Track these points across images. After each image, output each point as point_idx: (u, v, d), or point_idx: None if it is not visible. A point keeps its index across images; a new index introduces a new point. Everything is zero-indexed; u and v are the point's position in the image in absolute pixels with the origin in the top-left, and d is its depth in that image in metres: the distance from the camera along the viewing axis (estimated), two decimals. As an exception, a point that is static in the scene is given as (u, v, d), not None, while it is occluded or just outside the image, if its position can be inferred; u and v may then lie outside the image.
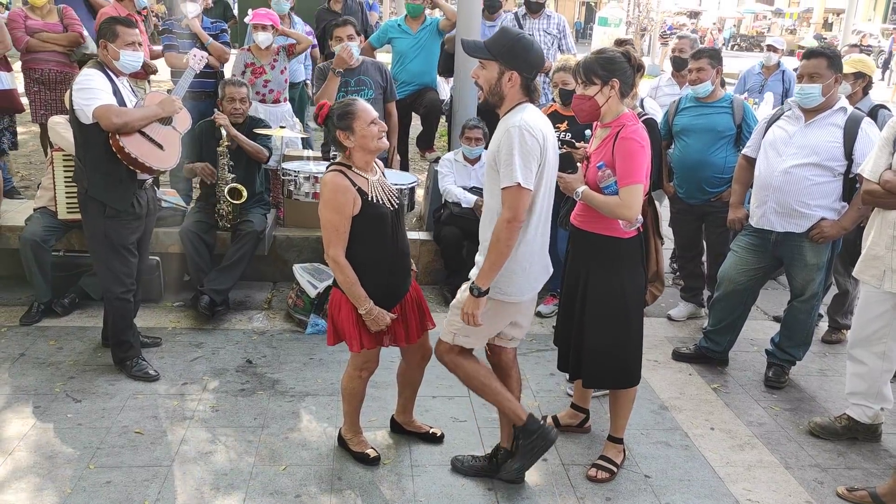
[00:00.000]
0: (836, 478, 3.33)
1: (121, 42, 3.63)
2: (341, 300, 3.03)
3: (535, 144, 2.70)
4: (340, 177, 2.93)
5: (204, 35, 5.60)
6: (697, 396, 4.00)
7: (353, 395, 3.23)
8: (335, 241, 2.92)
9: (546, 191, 2.84)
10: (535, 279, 2.96)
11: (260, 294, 5.07)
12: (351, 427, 3.30)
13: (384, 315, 3.00)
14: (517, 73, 2.75)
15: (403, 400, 3.45)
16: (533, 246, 2.87)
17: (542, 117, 2.82)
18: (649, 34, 22.81)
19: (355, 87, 4.92)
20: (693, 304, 5.04)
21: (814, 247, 3.87)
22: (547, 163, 2.77)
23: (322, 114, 3.02)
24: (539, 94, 2.88)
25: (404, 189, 4.65)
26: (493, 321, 2.94)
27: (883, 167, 3.30)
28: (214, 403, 3.68)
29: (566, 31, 6.09)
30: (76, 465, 3.14)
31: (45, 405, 3.58)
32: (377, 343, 3.10)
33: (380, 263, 3.01)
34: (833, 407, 3.94)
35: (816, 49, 3.84)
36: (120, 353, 3.91)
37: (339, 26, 4.93)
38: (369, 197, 2.95)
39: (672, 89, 5.63)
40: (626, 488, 3.17)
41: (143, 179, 3.78)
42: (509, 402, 3.03)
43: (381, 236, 3.00)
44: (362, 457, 3.25)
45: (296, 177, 4.78)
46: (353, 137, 2.93)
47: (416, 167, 7.02)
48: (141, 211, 3.80)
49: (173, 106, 3.80)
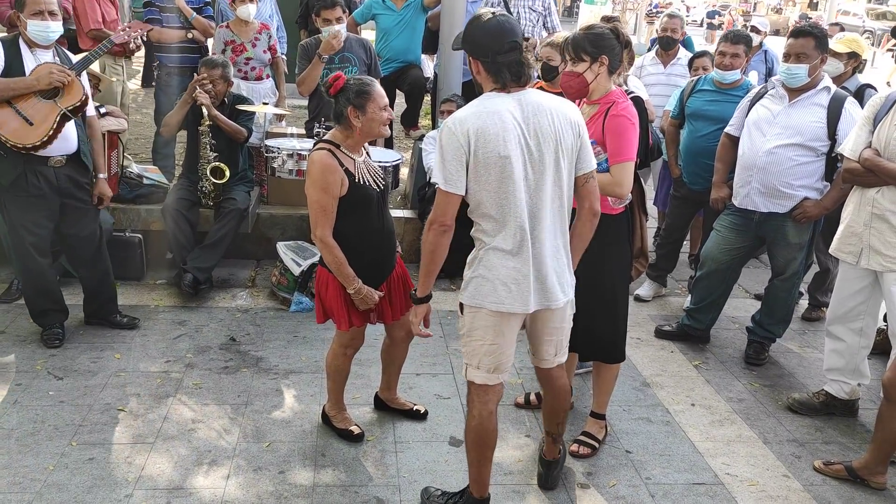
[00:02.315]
0: (813, 452, 3.39)
1: (28, 11, 3.53)
2: (328, 279, 3.02)
3: (455, 143, 2.39)
4: (329, 156, 2.90)
5: (187, 9, 5.50)
6: (679, 373, 4.05)
7: (338, 373, 3.24)
8: (322, 222, 2.91)
9: (507, 193, 2.42)
10: (522, 292, 2.51)
11: (243, 272, 5.04)
12: (336, 404, 3.31)
13: (373, 294, 3.00)
14: (474, 58, 2.51)
15: (387, 377, 3.46)
16: (504, 256, 2.48)
17: (490, 109, 2.42)
18: (635, 13, 22.71)
19: (339, 65, 4.87)
20: (657, 283, 5.08)
21: (796, 226, 3.90)
22: (488, 162, 2.38)
23: (337, 85, 2.93)
24: (527, 76, 2.49)
25: (388, 167, 4.63)
26: (484, 336, 2.57)
27: (863, 146, 3.32)
28: (198, 381, 3.67)
29: (552, 9, 6.07)
30: (58, 442, 3.13)
31: (26, 382, 3.56)
32: (365, 321, 3.11)
33: (366, 243, 3.01)
34: (811, 383, 4.00)
35: (804, 28, 3.82)
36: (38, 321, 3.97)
37: (326, 7, 4.82)
38: (356, 178, 2.94)
39: (656, 68, 5.61)
40: (608, 463, 3.21)
41: (47, 156, 3.66)
42: (480, 472, 2.73)
43: (367, 217, 2.99)
44: (346, 433, 3.27)
45: (279, 153, 4.75)
46: (362, 118, 2.90)
47: (401, 145, 6.98)
48: (42, 189, 3.69)
49: (50, 78, 3.53)
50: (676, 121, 4.80)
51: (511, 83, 2.46)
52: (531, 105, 2.46)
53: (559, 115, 2.49)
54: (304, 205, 5.20)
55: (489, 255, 2.50)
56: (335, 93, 2.94)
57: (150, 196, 4.94)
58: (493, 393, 2.66)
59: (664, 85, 5.47)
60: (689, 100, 4.71)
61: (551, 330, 2.70)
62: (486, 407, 2.65)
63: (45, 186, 3.71)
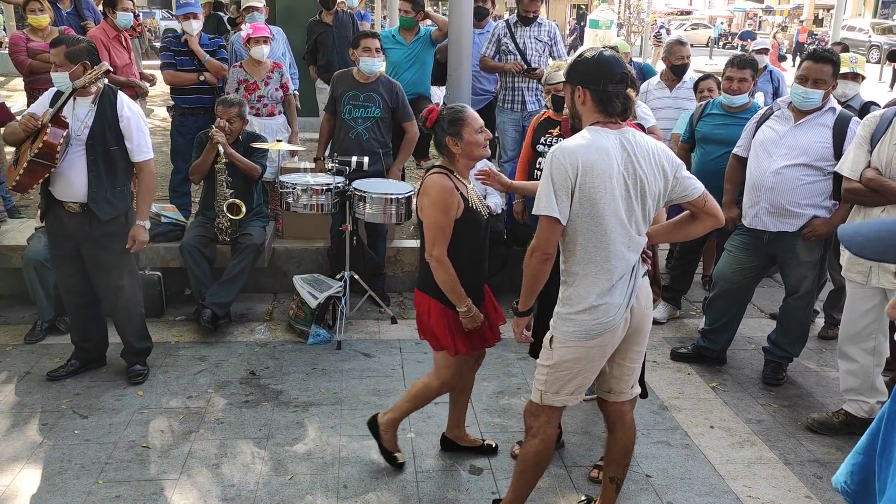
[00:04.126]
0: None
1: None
2: (431, 305, 3.02)
3: (563, 174, 2.44)
4: (446, 178, 2.95)
5: (202, 53, 5.64)
6: (696, 395, 4.05)
7: (418, 400, 3.23)
8: (440, 242, 2.93)
9: (600, 226, 2.48)
10: (598, 320, 2.55)
11: (261, 306, 5.11)
12: (394, 426, 3.30)
13: (479, 314, 3.01)
14: (582, 87, 2.55)
15: (457, 412, 3.41)
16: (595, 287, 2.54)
17: (599, 145, 2.46)
18: (640, 36, 22.90)
19: (363, 103, 4.93)
20: (671, 305, 5.10)
21: (806, 244, 3.92)
22: (590, 194, 2.44)
23: (431, 118, 3.00)
24: (632, 111, 2.57)
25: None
26: (574, 366, 2.62)
27: (862, 165, 3.36)
28: (220, 416, 3.72)
29: (557, 38, 6.15)
30: (85, 480, 3.18)
31: (52, 422, 3.62)
32: (469, 347, 3.08)
33: (471, 265, 3.03)
34: (830, 402, 3.99)
35: (825, 54, 3.80)
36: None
37: (367, 37, 4.89)
38: (469, 203, 2.99)
39: (662, 92, 5.68)
40: (628, 488, 3.22)
41: (63, 201, 3.75)
42: (525, 494, 2.86)
43: (475, 240, 3.03)
44: (390, 456, 3.29)
45: (294, 189, 4.83)
46: (460, 144, 2.95)
47: (412, 175, 7.08)
48: (57, 231, 3.83)
49: (23, 123, 3.61)
50: (686, 144, 4.85)
51: (619, 115, 2.52)
52: (632, 145, 2.50)
53: (656, 157, 2.54)
54: (319, 237, 5.35)
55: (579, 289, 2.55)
56: (430, 125, 3.00)
57: (168, 234, 5.03)
58: (560, 413, 2.78)
59: (671, 108, 5.53)
60: (698, 124, 4.76)
61: (635, 354, 2.73)
62: (553, 427, 2.75)
63: (59, 229, 3.82)
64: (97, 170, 3.74)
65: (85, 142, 3.69)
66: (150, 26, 19.98)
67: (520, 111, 6.02)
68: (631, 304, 2.58)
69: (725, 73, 4.63)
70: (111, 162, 3.77)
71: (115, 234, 3.85)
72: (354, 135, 4.89)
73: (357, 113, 4.88)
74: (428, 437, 3.55)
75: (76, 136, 3.68)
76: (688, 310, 5.27)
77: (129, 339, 4.08)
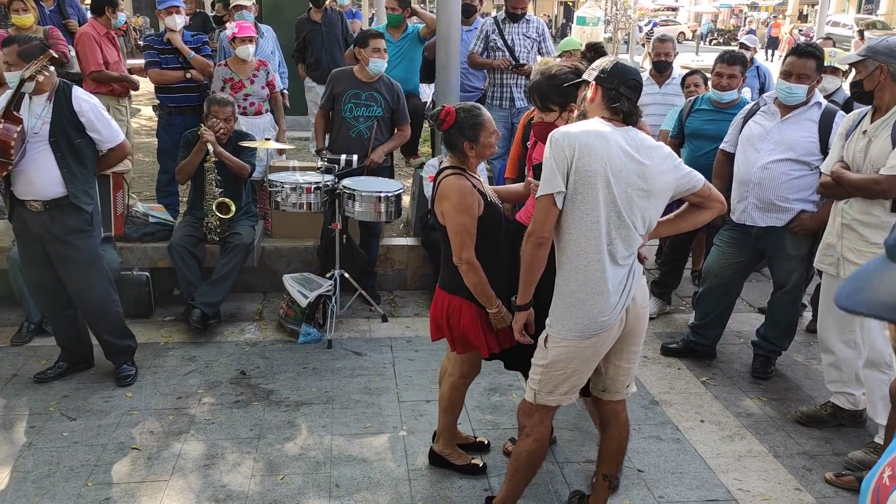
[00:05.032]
0: (823, 464, 3.41)
1: None
2: (462, 307, 2.96)
3: (560, 154, 2.44)
4: (462, 178, 2.90)
5: (186, 49, 5.60)
6: (687, 390, 4.07)
7: (455, 405, 3.22)
8: (468, 244, 2.87)
9: (594, 211, 2.46)
10: (593, 319, 2.54)
11: (250, 305, 5.09)
12: (450, 442, 3.28)
13: (508, 313, 2.95)
14: (597, 84, 2.58)
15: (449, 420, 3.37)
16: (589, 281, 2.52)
17: (598, 130, 2.48)
18: (629, 32, 22.96)
19: (365, 102, 4.91)
20: (661, 300, 5.12)
21: (794, 239, 3.95)
22: (585, 175, 2.43)
23: (448, 121, 2.92)
24: (637, 118, 2.60)
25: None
26: (568, 366, 2.62)
27: (835, 160, 3.40)
28: (210, 416, 3.70)
29: (545, 35, 6.17)
30: (74, 483, 3.16)
31: (39, 424, 3.59)
32: (499, 345, 3.04)
33: (495, 262, 2.98)
34: (818, 395, 4.02)
35: (808, 49, 3.83)
36: None
37: (375, 37, 4.87)
38: (488, 197, 2.95)
39: (652, 88, 5.69)
40: (620, 483, 3.22)
41: (24, 200, 3.69)
42: (518, 493, 2.87)
43: (497, 235, 2.99)
44: (472, 468, 3.26)
45: (282, 188, 4.81)
46: (476, 148, 2.92)
47: (401, 173, 7.06)
48: (24, 231, 3.79)
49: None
50: (676, 140, 4.87)
51: (624, 114, 2.53)
52: (636, 141, 2.52)
53: (660, 153, 2.55)
54: (308, 236, 5.33)
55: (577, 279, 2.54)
56: (448, 127, 2.93)
57: (156, 234, 5.00)
58: (553, 412, 2.79)
59: (660, 104, 5.55)
60: (687, 119, 4.78)
61: (630, 354, 2.73)
62: (546, 426, 2.76)
63: (24, 230, 3.79)
64: (68, 165, 3.69)
65: (47, 139, 3.63)
66: (135, 25, 19.83)
67: (508, 108, 6.03)
68: (627, 304, 2.58)
69: (715, 69, 4.65)
70: (79, 155, 3.74)
71: (80, 231, 3.80)
72: (356, 133, 4.88)
73: (359, 111, 4.87)
74: (420, 436, 3.54)
75: (34, 133, 3.62)
76: (678, 305, 5.29)
77: (105, 337, 4.03)
